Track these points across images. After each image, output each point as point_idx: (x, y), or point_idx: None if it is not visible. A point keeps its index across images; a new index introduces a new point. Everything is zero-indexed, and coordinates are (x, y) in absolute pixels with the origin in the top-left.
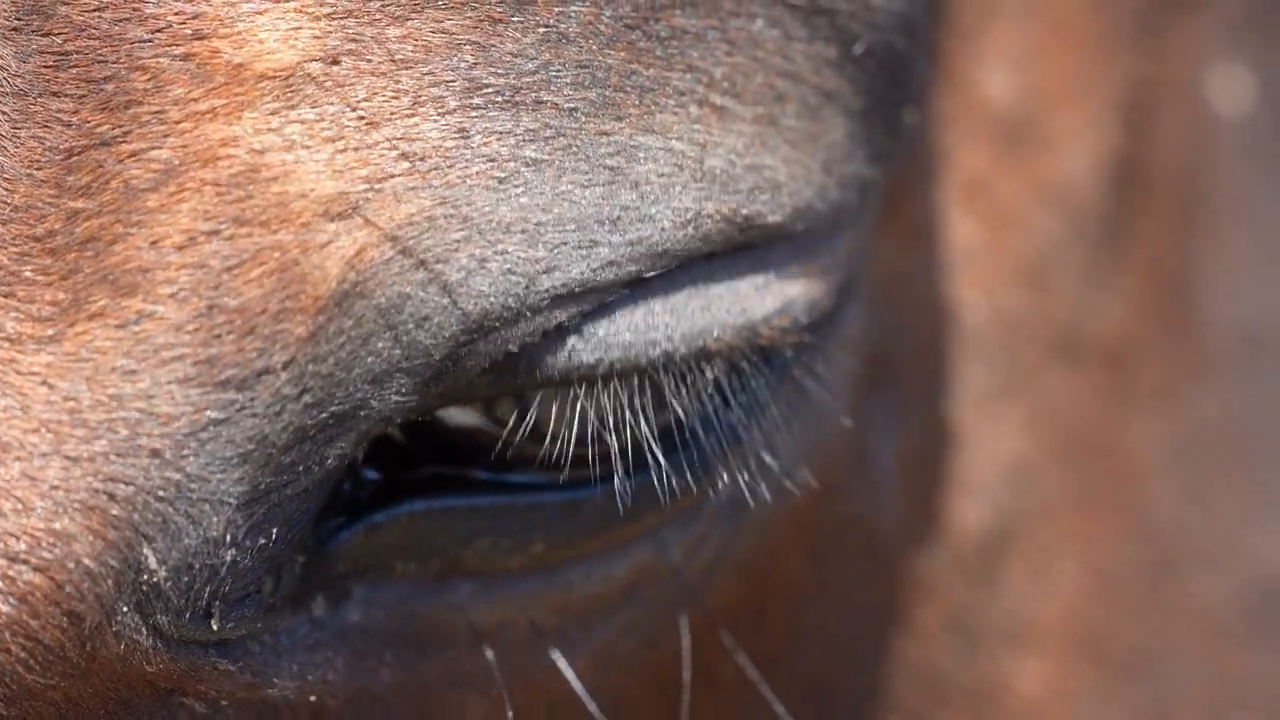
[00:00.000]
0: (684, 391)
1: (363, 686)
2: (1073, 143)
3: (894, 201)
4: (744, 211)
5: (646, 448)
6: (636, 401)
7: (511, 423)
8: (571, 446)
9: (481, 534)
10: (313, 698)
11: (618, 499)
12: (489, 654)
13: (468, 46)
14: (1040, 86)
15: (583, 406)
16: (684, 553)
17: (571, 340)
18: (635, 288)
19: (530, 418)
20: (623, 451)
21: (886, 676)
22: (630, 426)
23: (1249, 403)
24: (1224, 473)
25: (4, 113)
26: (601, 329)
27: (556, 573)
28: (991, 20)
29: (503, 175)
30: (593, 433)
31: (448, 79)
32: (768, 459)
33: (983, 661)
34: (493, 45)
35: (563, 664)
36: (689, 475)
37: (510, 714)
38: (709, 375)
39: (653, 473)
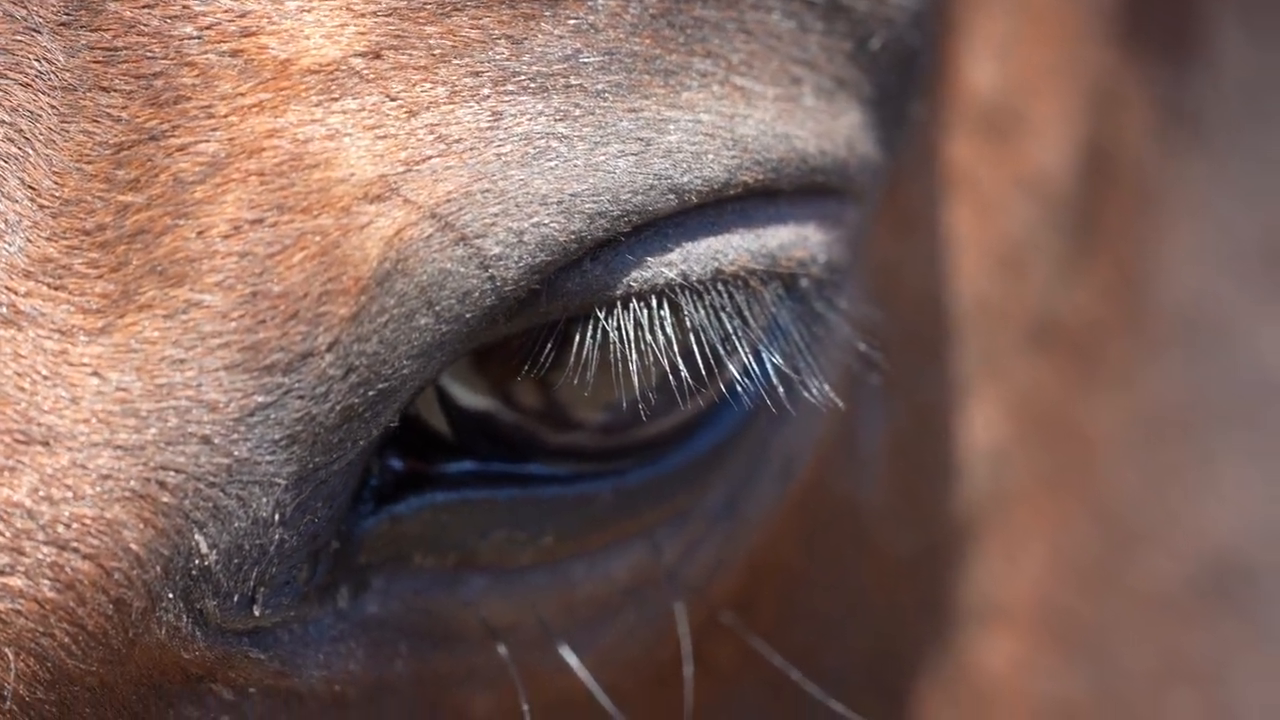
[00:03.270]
0: (702, 312)
1: (380, 678)
2: (1049, 133)
3: (889, 191)
4: (768, 183)
5: (667, 362)
6: (656, 319)
7: (534, 364)
8: (595, 371)
9: (498, 526)
10: (336, 688)
11: (641, 414)
12: (502, 650)
13: (502, 40)
14: (1021, 77)
15: (604, 328)
16: (679, 553)
17: (588, 265)
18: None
19: (551, 346)
20: (644, 371)
21: (868, 654)
22: (650, 344)
23: (1191, 384)
24: (1172, 452)
25: (53, 107)
26: (620, 256)
27: (560, 566)
28: (979, 13)
29: (536, 151)
30: (614, 352)
31: (483, 69)
32: (789, 373)
33: (956, 639)
34: (526, 38)
35: (572, 660)
36: (710, 391)
37: (522, 708)
38: (727, 297)
39: (674, 389)
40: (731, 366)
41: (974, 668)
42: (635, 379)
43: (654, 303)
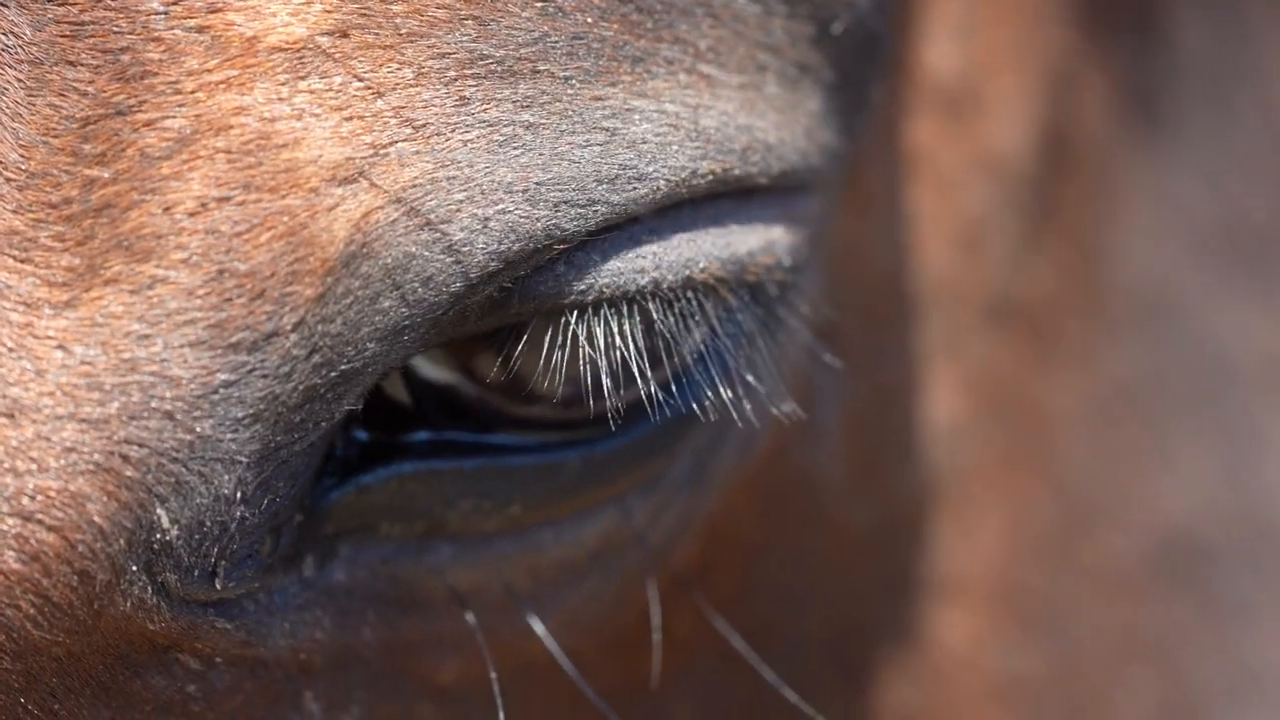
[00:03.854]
0: (671, 319)
1: (346, 645)
2: (1007, 112)
3: (851, 172)
4: (736, 172)
5: (636, 369)
6: (626, 326)
7: (504, 362)
8: (564, 376)
9: (465, 495)
10: (302, 656)
11: (610, 420)
12: (469, 616)
13: (469, 21)
14: (980, 58)
15: (574, 333)
16: (648, 518)
17: (562, 269)
18: (625, 223)
19: (522, 347)
20: (613, 376)
21: (827, 628)
22: (620, 350)
23: (1147, 364)
24: (1128, 431)
25: (20, 80)
26: (592, 259)
27: (528, 534)
28: None
29: (502, 139)
30: (584, 357)
31: (450, 51)
32: (754, 383)
33: (911, 614)
34: (493, 20)
35: (539, 627)
36: (677, 397)
37: (489, 674)
38: (696, 305)
39: (641, 395)
40: (697, 374)
41: (932, 643)
42: (604, 383)
43: (624, 309)
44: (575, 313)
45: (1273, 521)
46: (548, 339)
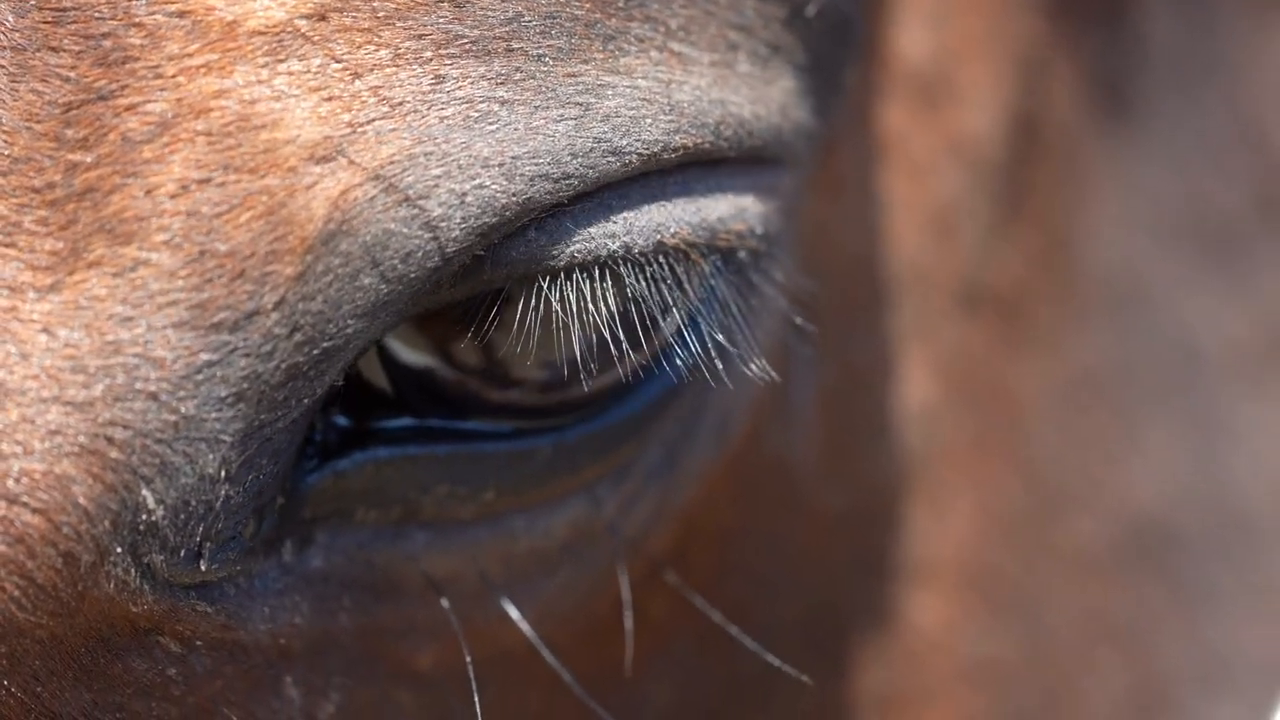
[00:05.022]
0: (644, 284)
1: (324, 630)
2: (978, 99)
3: (823, 155)
4: (709, 147)
5: (609, 335)
6: (598, 291)
7: (477, 331)
8: (537, 344)
9: (440, 481)
10: (281, 640)
11: (581, 379)
12: (444, 603)
13: (445, 3)
14: (952, 45)
15: (547, 298)
16: (618, 509)
17: (533, 234)
18: (595, 190)
19: (494, 316)
20: (586, 343)
21: (801, 611)
22: (593, 315)
23: (1116, 350)
24: (1097, 416)
25: (2, 66)
26: (563, 225)
27: (501, 521)
28: None
29: (478, 115)
30: (557, 322)
31: (426, 32)
32: (727, 346)
33: (885, 597)
34: (468, 1)
35: (514, 612)
36: (648, 355)
37: (464, 660)
38: (668, 270)
39: (614, 356)
40: (670, 337)
41: (905, 626)
42: (577, 349)
43: (596, 274)
44: (547, 278)
45: (1242, 509)
46: (520, 306)
